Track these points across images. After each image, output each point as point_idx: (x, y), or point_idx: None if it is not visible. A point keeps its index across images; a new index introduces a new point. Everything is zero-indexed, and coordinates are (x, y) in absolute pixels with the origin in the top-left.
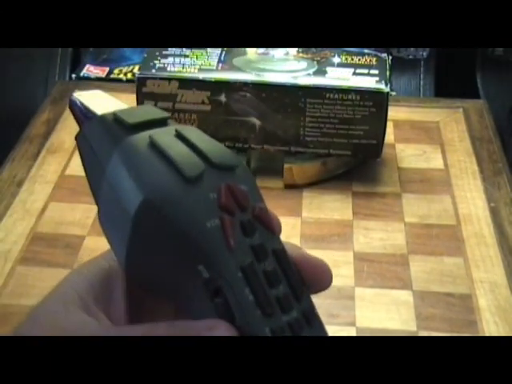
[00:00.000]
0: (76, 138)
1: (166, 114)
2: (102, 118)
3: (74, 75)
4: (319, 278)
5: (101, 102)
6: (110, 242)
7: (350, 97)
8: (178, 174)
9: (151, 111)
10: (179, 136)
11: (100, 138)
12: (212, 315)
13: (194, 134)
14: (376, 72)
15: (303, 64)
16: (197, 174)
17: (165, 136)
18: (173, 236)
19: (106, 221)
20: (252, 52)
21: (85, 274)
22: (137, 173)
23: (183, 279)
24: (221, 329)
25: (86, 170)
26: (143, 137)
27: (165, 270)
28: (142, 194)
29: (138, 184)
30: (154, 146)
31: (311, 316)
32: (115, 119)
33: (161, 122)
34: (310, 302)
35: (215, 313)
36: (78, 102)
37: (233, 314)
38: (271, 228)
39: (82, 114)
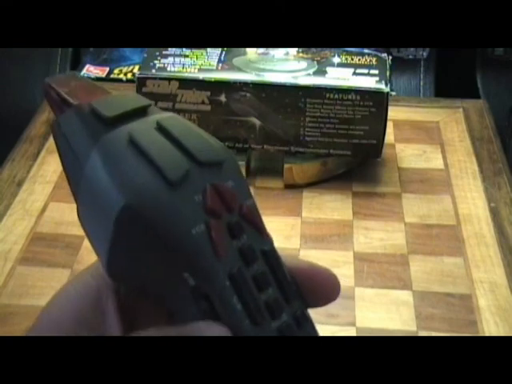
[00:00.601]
0: (51, 126)
1: (146, 102)
2: (78, 109)
3: None
4: (327, 289)
5: (77, 87)
6: (90, 239)
7: (350, 97)
8: (161, 176)
9: (130, 100)
10: (160, 129)
11: (76, 133)
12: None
13: (176, 125)
14: (376, 72)
15: (303, 64)
16: (180, 177)
17: (145, 131)
18: (156, 243)
19: (86, 218)
20: (252, 52)
21: (73, 296)
22: (117, 175)
23: (169, 285)
24: (214, 330)
25: (62, 161)
26: (122, 133)
27: (149, 275)
28: (123, 199)
29: (118, 188)
30: (133, 144)
31: (302, 318)
32: (92, 111)
33: (141, 111)
34: (301, 302)
35: (202, 319)
36: (52, 89)
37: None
38: (259, 227)
39: (57, 102)
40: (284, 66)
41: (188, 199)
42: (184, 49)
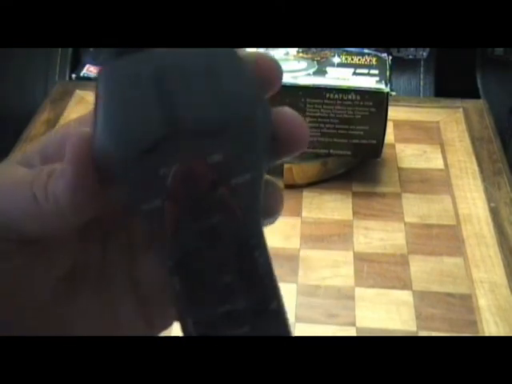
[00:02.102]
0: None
1: None
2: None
3: (74, 75)
4: (296, 133)
5: None
6: None
7: (350, 97)
8: (134, 138)
9: None
10: (175, 67)
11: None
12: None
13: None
14: (376, 72)
15: (303, 64)
16: (151, 144)
17: (146, 70)
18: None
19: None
20: None
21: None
22: (106, 114)
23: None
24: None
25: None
26: (127, 66)
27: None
28: (112, 145)
29: (105, 131)
30: (134, 80)
31: (262, 309)
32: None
33: None
34: (272, 293)
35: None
36: None
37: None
38: (243, 208)
39: None
40: (284, 65)
41: (152, 171)
42: None
